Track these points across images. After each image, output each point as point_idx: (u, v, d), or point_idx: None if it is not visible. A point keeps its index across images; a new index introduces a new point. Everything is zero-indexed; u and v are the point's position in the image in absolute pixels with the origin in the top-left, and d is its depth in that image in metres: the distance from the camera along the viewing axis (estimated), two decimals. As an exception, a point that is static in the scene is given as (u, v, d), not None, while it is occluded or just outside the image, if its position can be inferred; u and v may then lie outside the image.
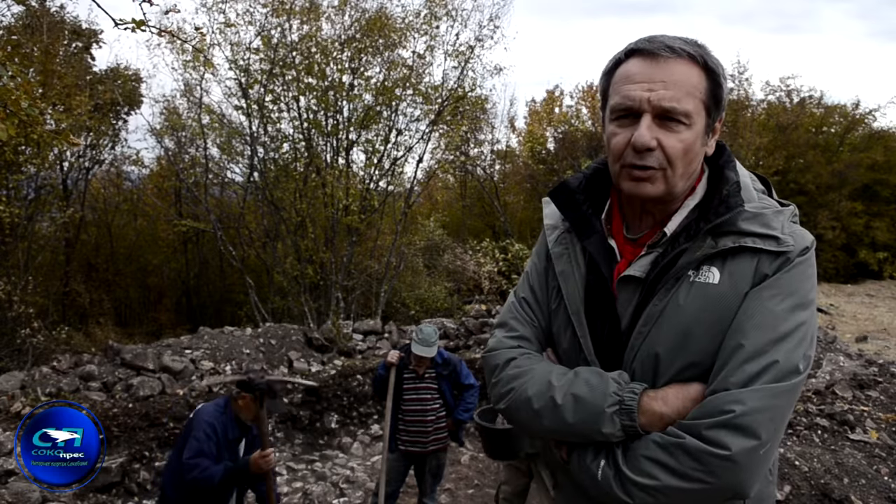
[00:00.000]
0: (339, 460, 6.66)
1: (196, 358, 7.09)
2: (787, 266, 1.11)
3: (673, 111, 1.09)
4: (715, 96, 1.14)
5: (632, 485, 1.09)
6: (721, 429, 1.03)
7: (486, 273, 12.79)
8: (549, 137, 18.72)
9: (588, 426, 1.14)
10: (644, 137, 1.09)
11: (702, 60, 1.12)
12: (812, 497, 3.66)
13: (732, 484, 1.04)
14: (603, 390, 1.14)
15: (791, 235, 1.13)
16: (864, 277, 19.30)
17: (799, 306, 1.09)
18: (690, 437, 1.05)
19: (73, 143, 4.82)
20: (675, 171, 1.13)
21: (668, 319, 1.14)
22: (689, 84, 1.11)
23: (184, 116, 12.40)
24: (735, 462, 1.02)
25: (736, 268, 1.12)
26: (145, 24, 4.07)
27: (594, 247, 1.25)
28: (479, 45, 11.55)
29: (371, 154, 11.84)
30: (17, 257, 10.30)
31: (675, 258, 1.15)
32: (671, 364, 1.14)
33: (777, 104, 21.03)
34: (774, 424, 1.05)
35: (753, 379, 1.04)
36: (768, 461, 1.08)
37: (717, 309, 1.11)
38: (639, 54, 1.14)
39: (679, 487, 1.05)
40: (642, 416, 1.11)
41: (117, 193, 16.45)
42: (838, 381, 5.44)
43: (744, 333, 1.08)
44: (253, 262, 13.02)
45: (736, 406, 1.03)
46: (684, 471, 1.04)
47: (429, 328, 4.31)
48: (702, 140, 1.15)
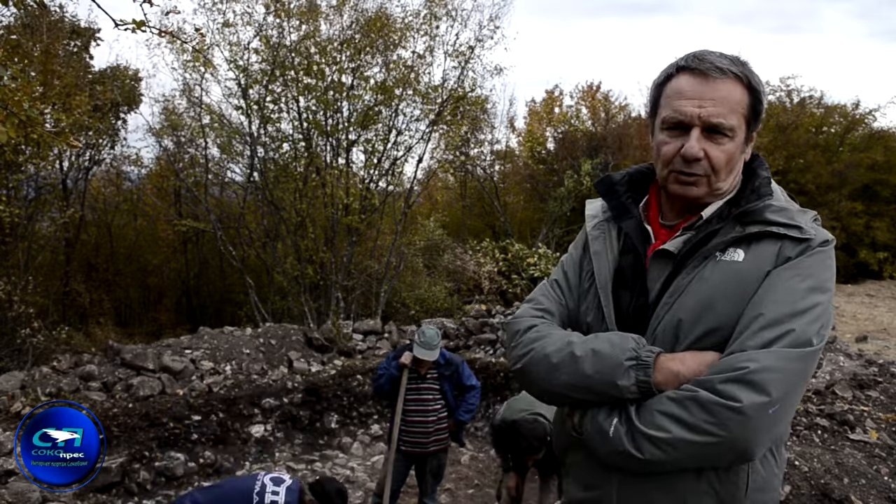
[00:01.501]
0: (339, 460, 6.66)
1: (196, 358, 7.08)
2: (808, 251, 1.20)
3: (720, 126, 1.23)
4: (755, 111, 1.27)
5: (643, 437, 1.14)
6: (734, 383, 1.09)
7: (486, 273, 12.78)
8: (549, 137, 18.71)
9: (604, 378, 1.20)
10: (694, 149, 1.23)
11: (746, 80, 1.25)
12: (812, 497, 3.66)
13: (741, 438, 1.08)
14: (622, 346, 1.22)
15: (814, 229, 1.24)
16: (864, 277, 19.28)
17: (817, 289, 1.17)
18: (704, 390, 1.11)
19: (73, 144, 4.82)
20: (719, 177, 1.26)
21: (692, 291, 1.23)
22: (734, 101, 1.24)
23: (183, 116, 12.40)
24: (745, 415, 1.07)
25: (760, 250, 1.22)
26: (145, 25, 4.07)
27: (631, 228, 1.37)
28: (480, 46, 11.55)
29: (371, 154, 11.83)
30: (17, 257, 10.30)
31: (705, 238, 1.26)
32: (691, 330, 1.22)
33: (777, 104, 21.00)
34: (785, 386, 1.10)
35: (770, 343, 1.12)
36: (778, 423, 1.13)
37: (740, 283, 1.20)
38: (689, 72, 1.26)
39: (689, 440, 1.10)
40: (658, 374, 1.18)
41: (117, 193, 16.44)
42: (838, 381, 5.44)
43: (763, 305, 1.16)
44: (253, 262, 13.01)
45: (750, 363, 1.09)
46: (695, 423, 1.10)
47: (431, 331, 4.30)
48: (741, 149, 1.29)
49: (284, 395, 6.97)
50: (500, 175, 18.81)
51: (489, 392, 7.55)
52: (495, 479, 6.20)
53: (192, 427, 6.25)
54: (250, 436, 6.62)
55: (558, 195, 15.14)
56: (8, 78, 3.81)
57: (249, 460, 6.48)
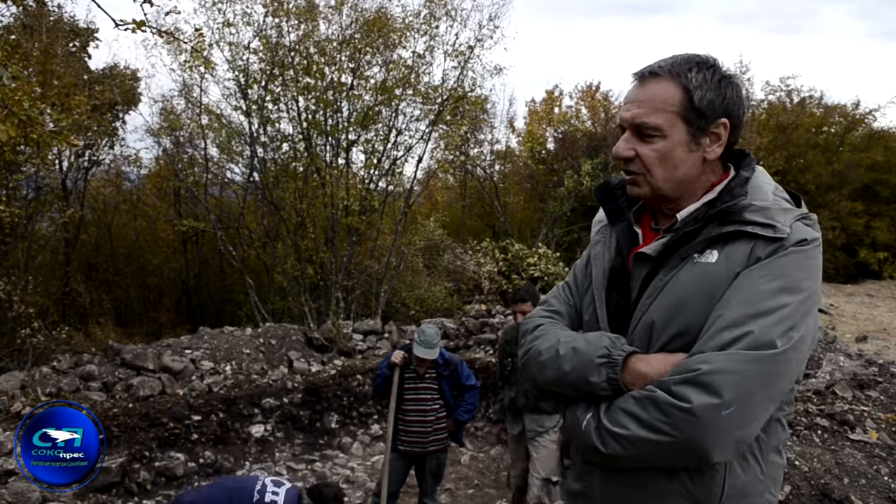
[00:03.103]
0: (339, 460, 6.67)
1: (196, 358, 7.08)
2: (780, 252, 1.18)
3: (642, 126, 1.27)
4: (692, 107, 1.25)
5: (606, 433, 1.19)
6: (687, 384, 1.10)
7: (486, 273, 12.77)
8: (549, 137, 18.71)
9: (579, 375, 1.26)
10: (618, 149, 1.31)
11: (677, 76, 1.26)
12: (812, 497, 3.66)
13: (693, 439, 1.09)
14: (597, 344, 1.27)
15: (790, 227, 1.20)
16: (864, 277, 19.27)
17: (786, 289, 1.15)
18: (660, 391, 1.13)
19: (73, 144, 4.81)
20: (655, 175, 1.29)
21: (666, 292, 1.25)
22: (660, 100, 1.26)
23: (182, 116, 12.39)
24: (696, 416, 1.08)
25: (733, 250, 1.21)
26: (146, 25, 4.07)
27: (620, 230, 1.43)
28: (479, 45, 11.52)
29: (371, 154, 11.82)
30: (17, 257, 10.30)
31: (681, 240, 1.27)
32: (663, 332, 1.24)
33: (777, 104, 20.99)
34: (740, 388, 1.09)
35: (727, 346, 1.11)
36: (739, 427, 1.11)
37: (710, 284, 1.21)
38: (633, 79, 1.33)
39: (646, 438, 1.13)
40: (626, 374, 1.22)
41: (117, 193, 16.44)
42: (838, 381, 5.44)
43: (727, 306, 1.16)
44: (253, 262, 13.01)
45: (703, 365, 1.11)
46: (651, 422, 1.12)
47: (431, 329, 4.30)
48: (686, 147, 1.28)
49: (284, 395, 6.97)
50: (500, 175, 18.79)
51: (489, 392, 7.54)
52: (495, 479, 6.21)
53: (192, 427, 6.25)
54: (250, 436, 6.62)
55: (558, 195, 15.13)
56: (7, 78, 3.81)
57: (249, 460, 6.48)
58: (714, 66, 1.28)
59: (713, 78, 1.27)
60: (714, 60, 1.30)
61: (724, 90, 1.27)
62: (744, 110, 1.31)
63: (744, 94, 1.30)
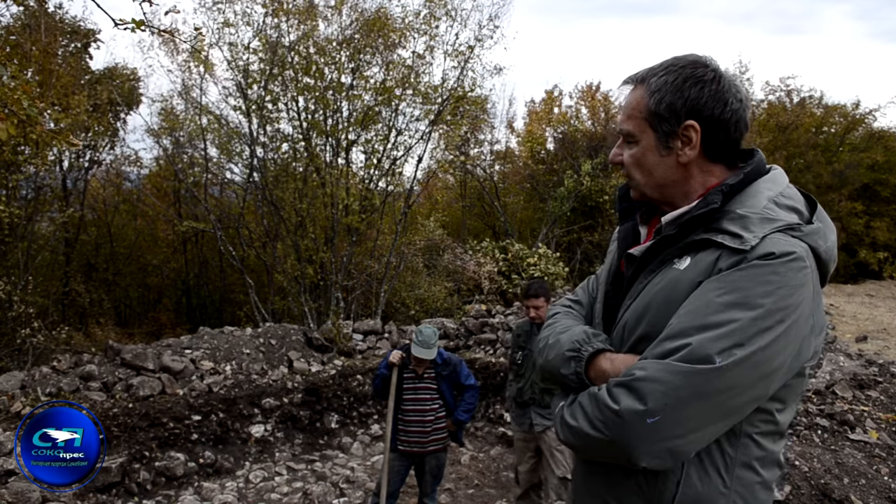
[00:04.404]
0: (339, 460, 6.67)
1: (196, 358, 7.08)
2: (741, 265, 1.13)
3: (622, 132, 1.33)
4: (655, 111, 1.26)
5: (563, 424, 1.25)
6: (620, 387, 1.14)
7: (486, 273, 12.77)
8: (549, 138, 18.71)
9: (555, 365, 1.34)
10: (610, 155, 1.39)
11: (643, 82, 1.29)
12: (812, 497, 3.66)
13: (619, 441, 1.12)
14: (573, 338, 1.33)
15: (761, 240, 1.14)
16: (864, 277, 19.27)
17: (738, 304, 1.09)
18: (603, 390, 1.18)
19: (73, 144, 4.81)
20: (635, 179, 1.34)
21: (642, 295, 1.28)
22: (632, 107, 1.31)
23: (181, 117, 12.38)
24: (622, 419, 1.11)
25: (701, 259, 1.21)
26: (145, 25, 4.07)
27: (625, 231, 1.47)
28: (479, 45, 11.51)
29: (371, 154, 11.82)
30: (17, 257, 10.29)
31: (661, 244, 1.29)
32: (631, 335, 1.28)
33: (777, 104, 21.00)
34: (667, 399, 1.08)
35: (665, 355, 1.12)
36: (666, 437, 1.09)
37: (673, 291, 1.22)
38: None
39: (586, 433, 1.18)
40: (591, 370, 1.27)
41: (117, 193, 16.44)
42: (838, 381, 5.44)
43: (678, 315, 1.16)
44: (253, 262, 13.01)
45: (637, 371, 1.13)
46: (591, 418, 1.17)
47: (429, 329, 4.30)
48: (656, 152, 1.29)
49: (284, 395, 6.98)
50: (500, 175, 18.79)
51: (489, 392, 7.55)
52: (495, 479, 6.21)
53: (192, 427, 6.25)
54: (250, 436, 6.62)
55: (558, 195, 15.13)
56: (7, 77, 3.80)
57: (249, 460, 6.48)
58: (685, 68, 1.24)
59: (675, 80, 1.24)
60: (698, 62, 1.26)
61: (687, 92, 1.23)
62: (727, 109, 1.24)
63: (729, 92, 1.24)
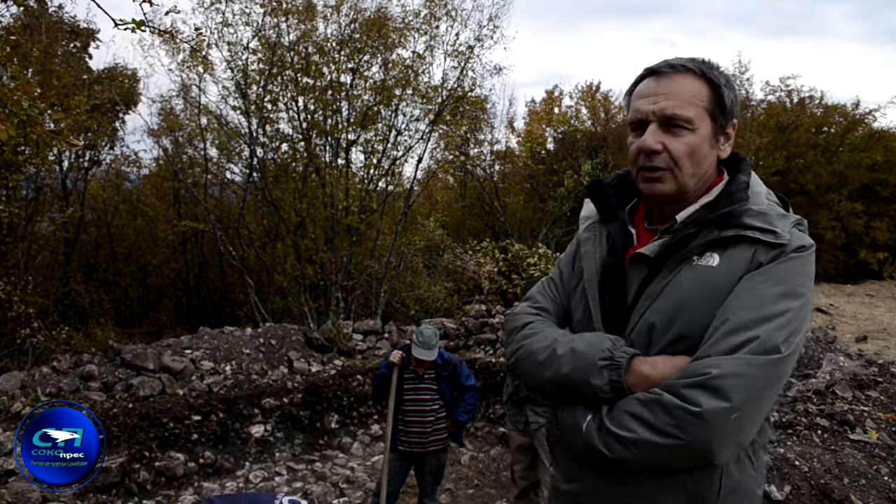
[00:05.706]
0: (339, 460, 6.66)
1: (196, 358, 7.08)
2: (781, 257, 1.19)
3: (675, 118, 1.24)
4: (719, 104, 1.27)
5: (610, 436, 1.18)
6: (696, 388, 1.10)
7: (486, 273, 12.78)
8: (549, 138, 18.72)
9: (580, 376, 1.25)
10: (647, 141, 1.25)
11: (700, 72, 1.26)
12: (812, 497, 3.66)
13: (701, 442, 1.10)
14: (598, 346, 1.25)
15: (790, 234, 1.22)
16: (864, 277, 19.30)
17: (788, 295, 1.16)
18: (668, 394, 1.13)
19: (73, 144, 4.81)
20: (683, 171, 1.26)
21: (666, 295, 1.24)
22: (689, 94, 1.25)
23: (181, 117, 12.39)
24: (705, 420, 1.08)
25: (734, 254, 1.22)
26: (145, 25, 4.07)
27: (615, 230, 1.41)
28: (479, 45, 11.54)
29: (370, 154, 11.83)
30: (17, 257, 10.30)
31: (680, 242, 1.26)
32: (664, 334, 1.23)
33: (777, 104, 21.02)
34: (748, 393, 1.10)
35: (734, 350, 1.12)
36: (742, 430, 1.13)
37: (712, 287, 1.20)
38: (648, 74, 1.31)
39: (653, 441, 1.13)
40: (629, 376, 1.21)
41: (116, 193, 16.44)
42: (838, 381, 5.44)
43: (731, 311, 1.16)
44: (253, 262, 13.01)
45: (712, 369, 1.10)
46: (659, 425, 1.12)
47: (429, 330, 4.30)
48: (710, 143, 1.28)
49: (284, 395, 6.97)
50: (500, 175, 18.81)
51: (489, 392, 7.54)
52: (495, 479, 6.21)
53: (192, 427, 6.25)
54: (250, 436, 6.62)
55: (558, 195, 15.14)
56: (7, 78, 3.81)
57: (249, 460, 6.48)
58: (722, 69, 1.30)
59: (728, 80, 1.29)
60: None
61: (736, 92, 1.29)
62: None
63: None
